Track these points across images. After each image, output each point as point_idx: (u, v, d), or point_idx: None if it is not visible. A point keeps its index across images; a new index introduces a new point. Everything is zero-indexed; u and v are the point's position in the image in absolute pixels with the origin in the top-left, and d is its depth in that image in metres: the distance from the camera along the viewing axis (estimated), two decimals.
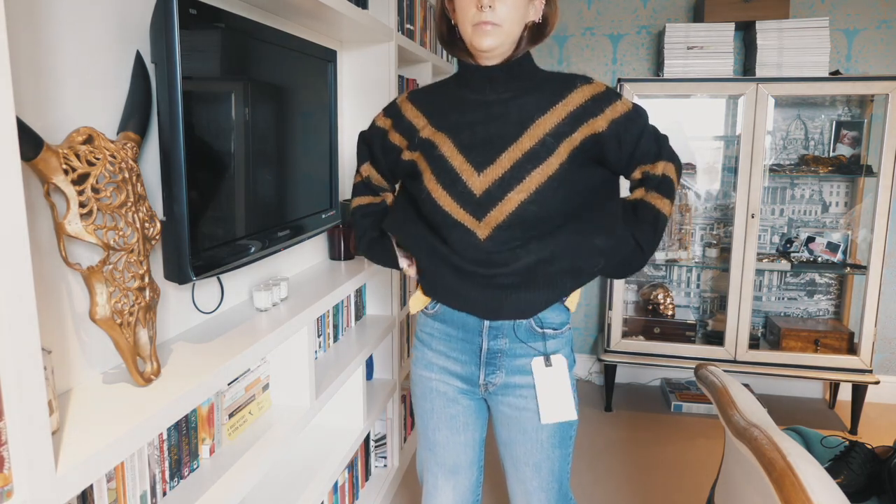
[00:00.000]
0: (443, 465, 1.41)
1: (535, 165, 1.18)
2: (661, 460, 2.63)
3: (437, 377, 1.35)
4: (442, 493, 1.42)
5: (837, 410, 3.13)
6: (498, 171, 1.19)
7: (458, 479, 1.41)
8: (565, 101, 1.21)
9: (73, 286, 1.03)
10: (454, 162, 1.21)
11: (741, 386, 1.40)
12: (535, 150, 1.18)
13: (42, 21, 0.95)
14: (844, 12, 2.98)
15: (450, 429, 1.37)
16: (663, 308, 3.15)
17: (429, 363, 1.36)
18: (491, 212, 1.18)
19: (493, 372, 1.29)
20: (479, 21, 1.16)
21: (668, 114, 3.16)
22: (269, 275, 1.74)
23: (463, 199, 1.20)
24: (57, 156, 0.88)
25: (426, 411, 1.39)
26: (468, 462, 1.41)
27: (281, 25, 1.71)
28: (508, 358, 1.28)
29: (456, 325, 1.30)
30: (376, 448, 2.34)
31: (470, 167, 1.20)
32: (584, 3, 3.21)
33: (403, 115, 1.33)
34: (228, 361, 1.19)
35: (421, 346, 1.38)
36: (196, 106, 1.13)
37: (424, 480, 1.46)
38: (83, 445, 0.85)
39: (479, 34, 1.17)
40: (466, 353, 1.30)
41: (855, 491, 1.55)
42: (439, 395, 1.36)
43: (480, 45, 1.17)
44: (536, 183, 1.17)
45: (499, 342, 1.27)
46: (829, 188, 3.09)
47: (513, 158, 1.18)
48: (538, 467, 1.33)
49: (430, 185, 1.23)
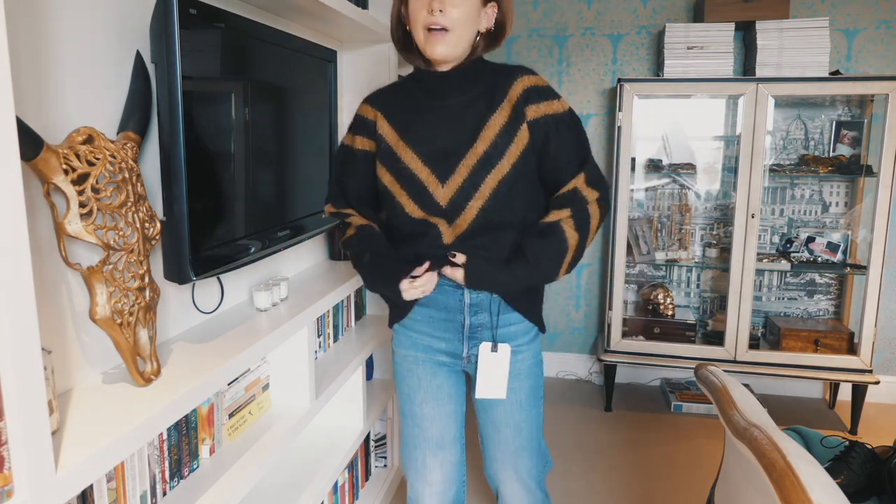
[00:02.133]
0: (430, 439, 1.46)
1: (488, 170, 1.25)
2: (661, 460, 2.63)
3: (423, 354, 1.43)
4: (431, 471, 1.47)
5: (837, 410, 3.13)
6: (458, 180, 1.27)
7: (444, 455, 1.47)
8: (508, 95, 1.27)
9: (73, 286, 1.03)
10: (420, 175, 1.29)
11: (741, 386, 1.40)
12: (488, 154, 1.25)
13: (42, 21, 0.95)
14: (844, 12, 2.98)
15: (436, 399, 1.44)
16: (663, 308, 3.15)
17: (413, 343, 1.43)
18: (456, 220, 1.29)
19: (475, 345, 1.39)
20: (429, 23, 1.19)
21: (668, 114, 3.16)
22: (269, 275, 1.74)
23: (431, 209, 1.29)
24: (57, 156, 0.88)
25: (412, 387, 1.45)
26: (452, 436, 1.47)
27: (281, 25, 1.71)
28: (488, 331, 1.37)
29: (439, 308, 1.38)
30: (376, 448, 2.34)
31: (434, 179, 1.28)
32: (584, 3, 3.21)
33: (367, 119, 1.39)
34: (228, 361, 1.19)
35: (404, 331, 1.45)
36: (196, 106, 1.13)
37: (411, 462, 1.50)
38: (83, 445, 0.85)
39: (430, 42, 1.21)
40: (450, 331, 1.39)
41: (855, 491, 1.55)
42: (424, 369, 1.43)
43: (433, 52, 1.22)
44: (491, 187, 1.25)
45: (479, 317, 1.36)
46: (829, 188, 3.09)
47: (469, 166, 1.26)
48: (519, 428, 1.43)
49: (402, 200, 1.31)
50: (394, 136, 1.33)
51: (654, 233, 3.21)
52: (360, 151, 1.39)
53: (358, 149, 1.40)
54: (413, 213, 1.30)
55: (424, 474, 1.49)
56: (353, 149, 1.41)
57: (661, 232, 3.22)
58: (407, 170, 1.30)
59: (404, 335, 1.45)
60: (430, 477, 1.48)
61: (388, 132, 1.34)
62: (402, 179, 1.31)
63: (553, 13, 3.24)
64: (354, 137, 1.41)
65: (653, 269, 3.33)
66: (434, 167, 1.28)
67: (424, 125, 1.30)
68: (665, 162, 3.16)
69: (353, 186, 1.44)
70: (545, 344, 3.51)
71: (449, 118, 1.29)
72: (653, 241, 3.20)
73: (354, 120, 1.42)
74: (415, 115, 1.32)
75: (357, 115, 1.41)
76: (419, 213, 1.30)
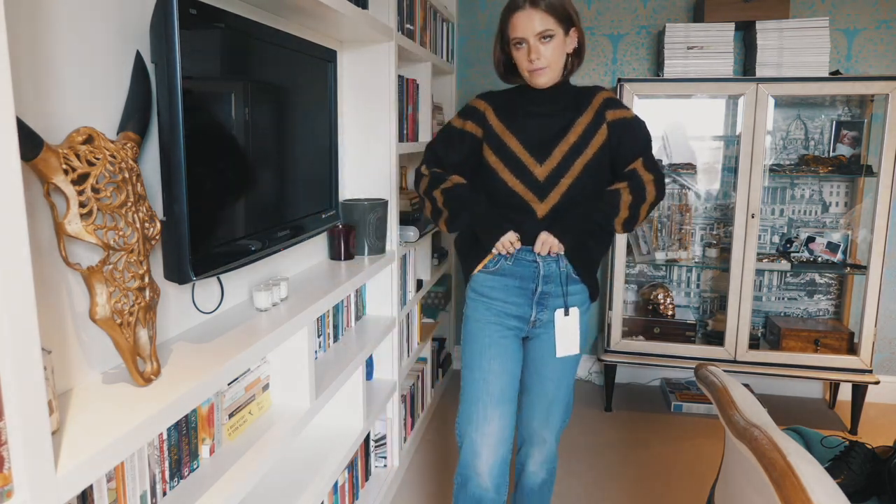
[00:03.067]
0: (492, 394, 1.63)
1: (576, 156, 1.59)
2: (661, 460, 2.63)
3: (495, 319, 1.66)
4: (490, 423, 1.63)
5: (837, 410, 3.13)
6: (553, 162, 1.59)
7: (503, 410, 1.64)
8: (591, 104, 1.63)
9: (73, 286, 1.03)
10: (522, 157, 1.60)
11: (741, 386, 1.39)
12: (577, 144, 1.59)
13: (42, 21, 0.95)
14: (844, 12, 2.98)
15: (503, 357, 1.65)
16: (663, 308, 3.15)
17: (488, 307, 1.67)
18: (550, 193, 1.59)
19: (542, 310, 1.65)
20: (531, 68, 1.54)
21: (668, 114, 3.16)
22: (269, 275, 1.74)
23: (530, 184, 1.59)
24: (57, 156, 0.88)
25: (484, 346, 1.66)
26: (511, 395, 1.66)
27: (281, 25, 1.71)
28: (554, 298, 1.64)
29: (515, 276, 1.64)
30: (376, 448, 2.34)
31: (533, 160, 1.60)
32: (584, 3, 3.21)
33: (477, 109, 1.67)
34: (228, 361, 1.19)
35: (479, 298, 1.68)
36: (196, 106, 1.13)
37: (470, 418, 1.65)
38: (83, 445, 0.85)
39: (534, 77, 1.56)
40: (522, 297, 1.64)
41: (855, 491, 1.55)
42: (496, 330, 1.66)
43: (537, 84, 1.57)
44: (578, 169, 1.58)
45: (549, 286, 1.63)
46: (829, 188, 3.09)
47: (563, 151, 1.59)
48: (560, 381, 1.72)
49: (505, 176, 1.60)
50: (501, 127, 1.63)
51: (654, 233, 3.21)
52: (468, 133, 1.66)
53: (467, 130, 1.67)
54: (515, 187, 1.59)
55: (483, 426, 1.62)
56: (462, 130, 1.67)
57: (661, 232, 3.22)
58: (512, 153, 1.61)
59: (480, 302, 1.68)
60: (488, 428, 1.62)
61: (496, 123, 1.64)
62: (507, 160, 1.61)
63: None
64: (465, 121, 1.68)
65: (653, 269, 3.33)
66: (533, 152, 1.60)
67: (526, 123, 1.62)
68: (665, 162, 3.16)
69: (452, 159, 1.69)
70: None
71: (544, 120, 1.62)
72: (653, 241, 3.20)
73: (466, 108, 1.70)
74: (518, 115, 1.64)
75: (469, 106, 1.70)
76: (520, 188, 1.59)
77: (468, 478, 1.63)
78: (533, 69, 1.54)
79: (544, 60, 1.53)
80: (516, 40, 1.54)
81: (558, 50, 1.54)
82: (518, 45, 1.55)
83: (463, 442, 1.66)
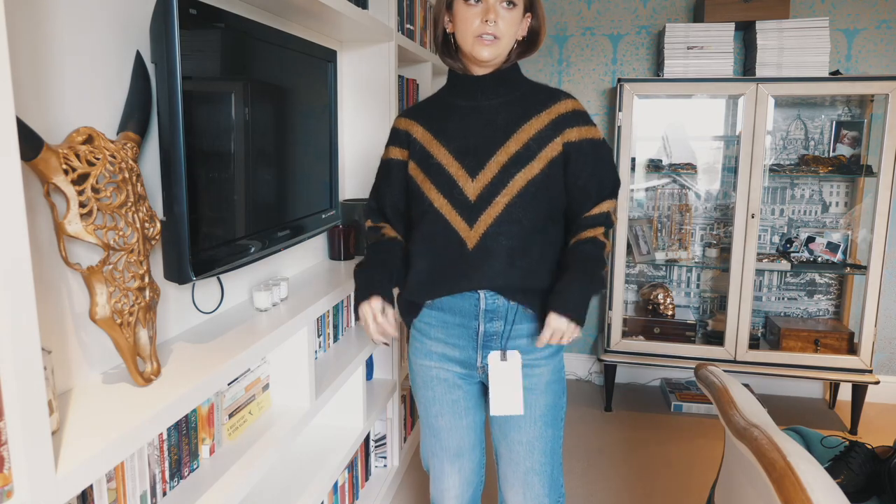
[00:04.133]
0: (447, 449, 1.48)
1: (519, 168, 1.29)
2: (661, 460, 2.63)
3: (437, 364, 1.42)
4: (448, 476, 1.50)
5: (837, 410, 3.13)
6: (488, 175, 1.29)
7: (462, 463, 1.49)
8: (549, 109, 1.33)
9: (73, 286, 1.03)
10: (450, 169, 1.32)
11: (741, 386, 1.40)
12: (520, 154, 1.29)
13: (42, 21, 0.95)
14: (844, 12, 2.98)
15: (452, 414, 1.44)
16: (663, 308, 3.15)
17: (428, 352, 1.42)
18: (481, 216, 1.29)
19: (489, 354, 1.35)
20: (483, 32, 1.26)
21: (668, 114, 3.16)
22: (269, 275, 1.74)
23: (459, 206, 1.31)
24: (57, 156, 0.88)
25: (428, 399, 1.45)
26: (471, 445, 1.49)
27: (281, 25, 1.71)
28: (503, 340, 1.34)
29: (453, 312, 1.36)
30: (376, 448, 2.34)
31: (465, 173, 1.31)
32: (584, 3, 3.21)
33: (399, 129, 1.42)
34: (228, 361, 1.19)
35: (419, 336, 1.44)
36: (196, 106, 1.13)
37: (430, 466, 1.54)
38: (83, 445, 0.85)
39: (479, 45, 1.28)
40: (463, 338, 1.37)
41: (855, 491, 1.55)
42: (440, 382, 1.42)
43: (480, 55, 1.28)
44: (520, 185, 1.28)
45: (494, 325, 1.34)
46: (829, 188, 3.09)
47: (500, 163, 1.29)
48: (531, 446, 1.39)
49: (432, 195, 1.33)
50: (427, 137, 1.37)
51: (654, 233, 3.21)
52: (395, 161, 1.42)
53: (393, 159, 1.43)
54: (442, 209, 1.31)
55: (442, 479, 1.52)
56: (389, 161, 1.44)
57: (661, 232, 3.22)
58: (438, 165, 1.33)
59: (419, 342, 1.44)
60: (448, 482, 1.51)
61: (421, 135, 1.38)
62: (433, 174, 1.33)
63: (553, 13, 3.24)
64: (390, 149, 1.45)
65: (653, 269, 3.33)
66: (464, 162, 1.31)
67: (456, 124, 1.34)
68: (665, 162, 3.16)
69: (388, 197, 1.45)
70: None
71: (480, 118, 1.33)
72: (653, 241, 3.20)
73: (390, 134, 1.46)
74: (448, 117, 1.36)
75: (392, 129, 1.45)
76: (447, 210, 1.31)
77: None
78: (483, 33, 1.26)
79: (499, 29, 1.26)
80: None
81: (514, 26, 1.29)
82: (471, 1, 1.27)
83: (431, 484, 1.56)
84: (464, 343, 1.37)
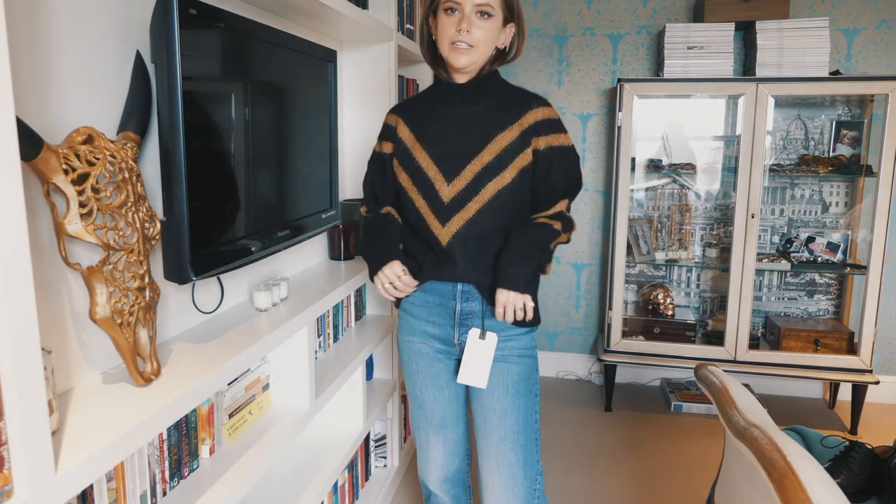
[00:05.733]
0: (431, 420, 1.57)
1: (490, 178, 1.39)
2: (661, 460, 2.63)
3: (420, 340, 1.53)
4: (433, 447, 1.59)
5: (837, 410, 3.13)
6: (461, 182, 1.40)
7: (446, 434, 1.58)
8: (521, 120, 1.40)
9: (73, 286, 1.03)
10: (429, 173, 1.42)
11: (741, 386, 1.40)
12: (492, 165, 1.39)
13: (42, 21, 0.95)
14: (844, 12, 2.98)
15: (435, 386, 1.54)
16: (663, 308, 3.15)
17: (412, 329, 1.54)
18: (453, 218, 1.40)
19: (465, 332, 1.47)
20: (456, 40, 1.34)
21: (668, 114, 3.16)
22: (269, 275, 1.74)
23: (434, 205, 1.42)
24: (57, 156, 0.88)
25: (413, 372, 1.56)
26: (454, 416, 1.57)
27: (281, 25, 1.71)
28: (478, 319, 1.46)
29: (434, 293, 1.49)
30: (376, 448, 2.34)
31: (442, 177, 1.41)
32: (584, 3, 3.21)
33: (389, 125, 1.52)
34: (228, 361, 1.19)
35: (405, 315, 1.56)
36: (196, 106, 1.13)
37: (416, 438, 1.62)
38: (83, 445, 0.85)
39: (454, 53, 1.36)
40: (442, 317, 1.49)
41: (855, 491, 1.55)
42: (423, 357, 1.54)
43: (456, 62, 1.37)
44: (490, 194, 1.39)
45: (470, 304, 1.46)
46: (829, 188, 3.09)
47: (474, 171, 1.39)
48: (504, 414, 1.47)
49: (413, 195, 1.44)
50: (411, 139, 1.46)
51: (654, 233, 3.21)
52: (387, 155, 1.52)
53: (385, 153, 1.53)
54: (421, 209, 1.43)
55: (428, 450, 1.60)
56: (380, 154, 1.54)
57: (661, 232, 3.22)
58: (419, 168, 1.43)
59: (405, 320, 1.55)
60: (433, 453, 1.59)
61: (406, 135, 1.47)
62: (414, 175, 1.44)
63: (553, 13, 3.24)
64: (381, 143, 1.54)
65: (653, 269, 3.33)
66: (442, 167, 1.41)
67: (438, 129, 1.44)
68: (665, 162, 3.16)
69: (384, 189, 1.55)
70: (545, 344, 3.51)
71: (459, 124, 1.42)
72: (653, 241, 3.20)
73: (382, 128, 1.55)
74: (431, 120, 1.46)
75: (384, 124, 1.54)
76: (425, 210, 1.42)
77: (429, 494, 1.67)
78: (457, 40, 1.33)
79: (473, 38, 1.33)
80: (450, 4, 1.33)
81: (491, 35, 1.36)
82: (450, 10, 1.34)
83: (418, 459, 1.65)
84: (442, 321, 1.49)
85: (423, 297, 1.50)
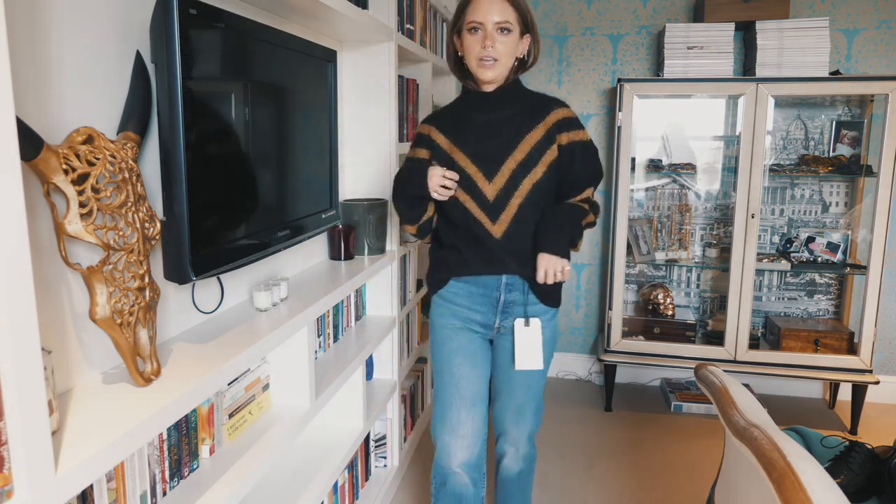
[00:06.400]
0: (465, 397, 1.67)
1: (525, 174, 1.57)
2: (661, 460, 2.63)
3: (461, 324, 1.68)
4: (464, 425, 1.68)
5: (837, 410, 3.13)
6: (501, 180, 1.57)
7: (475, 411, 1.68)
8: (545, 120, 1.59)
9: (73, 286, 1.03)
10: (470, 171, 1.59)
11: (741, 386, 1.40)
12: (525, 161, 1.56)
13: (42, 21, 0.95)
14: (844, 12, 2.98)
15: (472, 363, 1.68)
16: (663, 308, 3.15)
17: (453, 313, 1.68)
18: (501, 215, 1.58)
19: (506, 318, 1.66)
20: (483, 56, 1.52)
21: (668, 114, 3.16)
22: (269, 275, 1.74)
23: (481, 203, 1.58)
24: (57, 156, 0.88)
25: (452, 350, 1.68)
26: (482, 395, 1.70)
27: (281, 25, 1.71)
28: (518, 307, 1.65)
29: (478, 285, 1.65)
30: (376, 448, 2.34)
31: (482, 176, 1.58)
32: (584, 3, 3.21)
33: (423, 134, 1.68)
34: (228, 361, 1.19)
35: (444, 304, 1.69)
36: (196, 106, 1.13)
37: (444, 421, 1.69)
38: (83, 445, 0.85)
39: (482, 68, 1.55)
40: (486, 305, 1.66)
41: (855, 491, 1.55)
42: (463, 336, 1.68)
43: (484, 76, 1.56)
44: (527, 189, 1.57)
45: (512, 295, 1.64)
46: (829, 188, 3.09)
47: (510, 168, 1.57)
48: (528, 386, 1.72)
49: (458, 194, 1.59)
50: (448, 143, 1.62)
51: (654, 233, 3.21)
52: (423, 160, 1.66)
53: (422, 158, 1.67)
54: (468, 205, 1.58)
55: (458, 428, 1.67)
56: (417, 158, 1.68)
57: (661, 232, 3.22)
58: (460, 168, 1.59)
59: (444, 307, 1.69)
60: (463, 430, 1.67)
61: (442, 141, 1.63)
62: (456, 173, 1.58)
63: (553, 13, 3.24)
64: (416, 150, 1.68)
65: (653, 269, 3.33)
66: (481, 166, 1.58)
67: (472, 134, 1.60)
68: (665, 162, 3.16)
69: None
70: None
71: (491, 128, 1.59)
72: (653, 241, 3.20)
73: (414, 139, 1.71)
74: (464, 126, 1.62)
75: (417, 134, 1.70)
76: (473, 207, 1.57)
77: (447, 476, 1.70)
78: (483, 56, 1.52)
79: (497, 52, 1.51)
80: (473, 24, 1.52)
81: (511, 47, 1.54)
82: (473, 30, 1.52)
83: (438, 443, 1.71)
84: (485, 309, 1.66)
85: (468, 289, 1.65)
